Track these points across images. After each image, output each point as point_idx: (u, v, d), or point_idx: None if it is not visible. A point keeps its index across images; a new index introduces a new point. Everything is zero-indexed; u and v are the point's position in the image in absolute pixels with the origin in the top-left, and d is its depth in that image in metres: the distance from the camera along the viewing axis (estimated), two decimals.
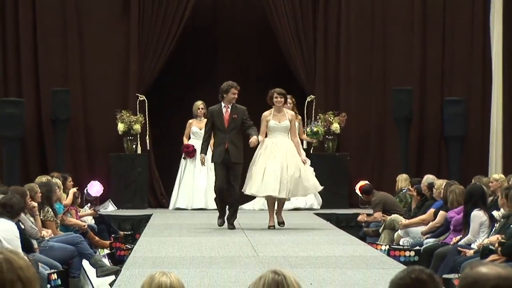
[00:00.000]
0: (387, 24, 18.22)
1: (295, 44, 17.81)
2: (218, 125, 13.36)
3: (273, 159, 13.32)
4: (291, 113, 13.92)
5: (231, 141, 13.26)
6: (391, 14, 18.21)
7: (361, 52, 18.16)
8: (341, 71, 18.11)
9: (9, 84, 17.80)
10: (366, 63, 18.19)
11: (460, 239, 11.65)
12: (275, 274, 4.18)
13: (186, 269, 9.57)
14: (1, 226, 10.41)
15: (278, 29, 17.71)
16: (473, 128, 17.80)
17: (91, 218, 14.54)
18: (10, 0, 17.72)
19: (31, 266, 4.12)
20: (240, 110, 13.34)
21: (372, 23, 18.19)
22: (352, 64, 18.14)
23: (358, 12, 18.15)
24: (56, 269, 10.69)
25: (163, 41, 17.68)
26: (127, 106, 17.48)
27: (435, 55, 18.21)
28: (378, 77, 18.14)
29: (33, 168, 17.16)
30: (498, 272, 3.81)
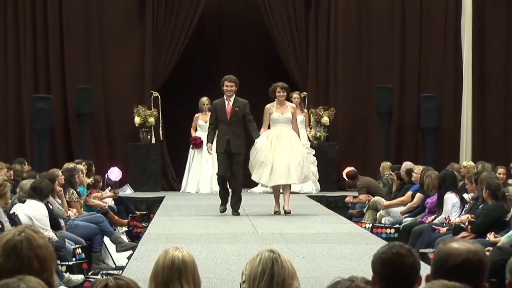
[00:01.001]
0: (371, 28, 18.18)
1: (289, 47, 17.79)
2: (221, 117, 12.72)
3: (280, 149, 12.62)
4: (292, 105, 13.28)
5: (234, 132, 12.62)
6: (374, 19, 18.16)
7: (348, 53, 18.14)
8: (330, 71, 18.10)
9: (39, 82, 17.78)
10: (352, 64, 18.17)
11: (435, 218, 11.69)
12: (270, 252, 4.23)
13: (195, 244, 9.59)
14: (31, 207, 10.46)
15: (275, 33, 17.68)
16: (446, 121, 17.78)
17: (111, 199, 14.55)
18: (40, 9, 17.69)
19: (49, 245, 4.13)
20: (242, 103, 12.75)
21: (358, 27, 18.15)
22: (339, 64, 18.12)
23: (345, 18, 18.11)
24: (80, 244, 10.74)
25: (174, 45, 17.66)
26: (142, 101, 17.45)
27: (413, 56, 18.18)
28: (362, 76, 18.13)
29: (60, 156, 17.15)
30: (467, 247, 3.85)
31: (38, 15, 17.71)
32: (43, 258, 4.00)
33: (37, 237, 4.08)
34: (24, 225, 4.66)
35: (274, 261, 4.17)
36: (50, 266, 4.03)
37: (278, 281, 4.12)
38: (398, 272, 3.87)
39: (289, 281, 4.14)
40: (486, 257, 3.96)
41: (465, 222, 10.42)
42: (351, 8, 18.14)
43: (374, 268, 3.93)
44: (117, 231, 12.60)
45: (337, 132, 17.71)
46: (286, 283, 4.13)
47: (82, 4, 17.89)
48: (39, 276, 3.79)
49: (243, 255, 8.89)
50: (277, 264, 4.16)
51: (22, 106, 17.63)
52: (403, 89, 18.10)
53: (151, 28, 17.78)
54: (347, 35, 18.08)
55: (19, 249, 3.98)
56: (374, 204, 13.74)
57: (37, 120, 16.80)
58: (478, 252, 3.85)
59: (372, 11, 18.16)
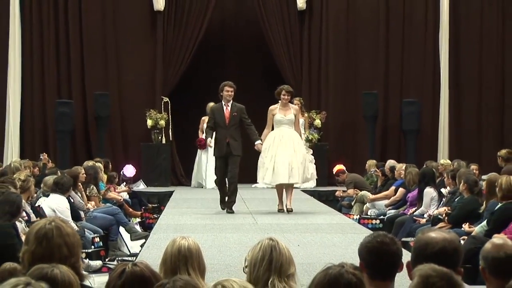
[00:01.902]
0: (358, 41, 18.17)
1: (285, 57, 17.78)
2: (219, 121, 12.00)
3: (282, 148, 11.81)
4: (295, 107, 12.44)
5: (232, 136, 11.94)
6: (361, 33, 18.15)
7: (337, 63, 18.12)
8: (322, 78, 18.09)
9: (61, 89, 17.76)
10: (341, 72, 18.15)
11: (415, 210, 11.71)
12: (270, 240, 4.24)
13: (200, 233, 9.58)
14: (55, 200, 10.49)
15: (272, 45, 17.69)
16: (425, 124, 17.77)
17: (126, 193, 14.57)
18: (62, 24, 17.67)
19: (76, 233, 4.17)
20: (239, 108, 12.07)
21: (346, 40, 18.13)
22: (330, 72, 18.09)
23: (335, 31, 18.09)
24: (98, 234, 10.77)
25: (182, 55, 17.66)
26: (154, 106, 17.44)
27: (396, 65, 18.16)
28: (350, 83, 18.12)
29: (80, 155, 17.12)
30: (444, 236, 3.87)
31: (61, 29, 17.70)
32: (71, 244, 4.03)
33: (66, 226, 4.11)
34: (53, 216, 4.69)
35: (273, 248, 4.19)
36: (77, 252, 4.06)
37: (276, 266, 4.14)
38: (383, 258, 3.88)
39: (286, 266, 4.16)
40: (461, 245, 3.99)
41: (443, 214, 10.45)
42: (340, 22, 18.14)
43: (361, 255, 3.95)
44: (131, 222, 12.63)
45: (328, 133, 17.69)
46: (283, 268, 4.15)
47: (100, 19, 17.90)
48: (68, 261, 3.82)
49: (243, 243, 8.91)
50: (276, 251, 4.17)
51: (46, 110, 17.61)
52: (387, 95, 18.08)
53: (162, 40, 17.77)
54: (336, 46, 18.07)
55: (50, 236, 4.01)
56: (361, 197, 13.77)
57: (60, 122, 16.83)
58: (453, 241, 3.87)
59: (359, 25, 18.15)
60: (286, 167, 11.72)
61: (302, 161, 11.92)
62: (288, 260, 4.18)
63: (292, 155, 11.80)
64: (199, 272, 4.34)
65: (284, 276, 4.12)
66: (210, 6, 17.63)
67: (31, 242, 4.06)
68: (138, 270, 3.57)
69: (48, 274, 3.36)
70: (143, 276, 3.55)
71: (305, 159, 12.19)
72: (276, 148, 11.82)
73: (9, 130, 17.34)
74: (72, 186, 10.98)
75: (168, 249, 4.38)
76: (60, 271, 3.43)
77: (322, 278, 3.08)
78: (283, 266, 4.14)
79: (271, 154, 11.82)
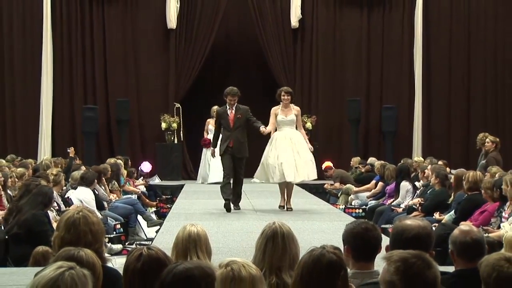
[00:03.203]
0: (344, 55, 18.18)
1: (280, 68, 17.79)
2: (224, 124, 10.99)
3: (285, 149, 10.82)
4: (296, 108, 11.28)
5: (236, 138, 10.89)
6: (346, 48, 18.17)
7: (326, 74, 18.14)
8: (312, 88, 18.10)
9: (87, 96, 17.76)
10: (329, 82, 18.17)
11: (393, 201, 11.71)
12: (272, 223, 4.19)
13: (207, 221, 9.60)
14: (81, 192, 10.50)
15: (269, 58, 17.69)
16: (401, 126, 17.77)
17: (143, 186, 14.57)
18: (88, 38, 17.68)
19: (100, 222, 4.16)
20: (243, 109, 11.06)
21: (333, 55, 18.16)
22: (319, 82, 18.11)
23: (324, 47, 18.11)
24: (119, 221, 10.79)
25: (192, 67, 17.65)
26: (167, 111, 17.44)
27: (376, 77, 18.17)
28: (337, 92, 18.12)
29: (104, 153, 17.11)
30: (418, 224, 3.88)
31: (87, 44, 17.71)
32: (95, 232, 4.01)
33: (91, 215, 4.10)
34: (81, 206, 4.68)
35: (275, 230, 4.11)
36: (101, 238, 4.05)
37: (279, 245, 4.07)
38: (366, 242, 3.89)
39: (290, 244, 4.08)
40: (433, 231, 3.99)
41: (416, 204, 10.45)
42: (328, 39, 18.15)
43: (346, 240, 3.94)
44: (147, 211, 12.64)
45: (318, 134, 17.68)
46: (288, 245, 4.08)
47: (121, 35, 17.90)
48: (92, 246, 3.81)
49: (244, 229, 8.98)
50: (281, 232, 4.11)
51: (74, 114, 17.61)
52: (368, 102, 18.09)
53: (174, 54, 17.75)
54: (324, 60, 18.09)
55: (77, 224, 4.00)
56: (346, 190, 13.77)
57: (86, 125, 16.83)
58: (426, 227, 3.88)
59: (344, 42, 18.17)
60: (291, 167, 10.79)
61: (305, 160, 10.97)
62: (290, 240, 4.10)
63: (295, 155, 10.87)
64: (207, 254, 4.33)
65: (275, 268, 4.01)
66: (216, 24, 17.64)
67: (61, 229, 4.05)
68: (153, 253, 3.56)
69: (74, 255, 3.36)
70: (159, 258, 3.55)
71: (308, 158, 11.09)
72: (279, 149, 10.88)
73: (42, 132, 17.33)
74: (96, 179, 10.99)
75: (179, 234, 4.37)
76: (85, 253, 3.42)
77: (307, 259, 3.08)
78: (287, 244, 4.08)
79: (275, 154, 10.87)
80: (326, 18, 18.12)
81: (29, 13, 17.59)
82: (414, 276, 2.96)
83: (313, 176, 11.27)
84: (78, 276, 2.67)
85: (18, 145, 17.33)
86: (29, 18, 17.59)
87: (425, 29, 17.90)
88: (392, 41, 18.12)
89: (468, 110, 18.11)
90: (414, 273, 2.96)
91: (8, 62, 17.55)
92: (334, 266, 2.97)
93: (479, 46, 18.08)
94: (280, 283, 3.89)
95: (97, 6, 17.76)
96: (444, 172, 10.41)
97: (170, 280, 2.86)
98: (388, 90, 18.15)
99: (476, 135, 14.08)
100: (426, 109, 17.98)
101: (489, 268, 3.23)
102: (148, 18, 17.91)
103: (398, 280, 2.96)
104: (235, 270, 3.09)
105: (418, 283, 2.95)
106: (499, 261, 3.24)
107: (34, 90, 17.44)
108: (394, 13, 18.14)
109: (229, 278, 3.07)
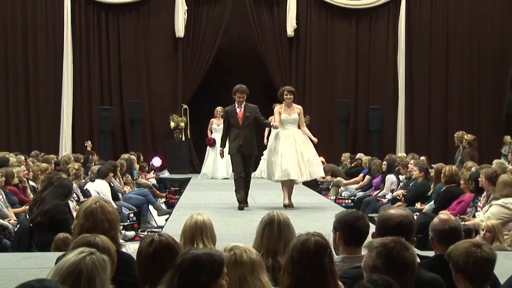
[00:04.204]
0: (335, 61, 18.13)
1: (278, 73, 17.80)
2: (233, 123, 10.09)
3: (288, 148, 10.02)
4: (298, 107, 10.47)
5: (245, 136, 10.00)
6: (337, 54, 18.12)
7: (318, 78, 18.12)
8: (306, 90, 18.04)
9: (104, 98, 17.74)
10: (322, 85, 18.15)
11: (379, 192, 11.71)
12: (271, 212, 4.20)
13: (212, 210, 9.58)
14: (98, 184, 10.50)
15: (268, 64, 17.68)
16: (386, 125, 17.74)
17: (154, 179, 14.57)
18: (105, 46, 17.66)
19: (115, 212, 4.17)
20: (252, 108, 10.17)
21: (325, 60, 18.12)
22: (312, 86, 18.08)
23: (316, 54, 18.08)
24: (132, 210, 10.79)
25: (197, 72, 17.63)
26: (176, 111, 17.41)
27: (363, 80, 18.14)
28: (328, 94, 18.11)
29: (118, 150, 17.06)
30: (401, 213, 3.88)
31: (103, 52, 17.70)
32: (111, 220, 4.02)
33: (108, 205, 4.10)
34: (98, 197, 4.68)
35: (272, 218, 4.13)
36: (116, 226, 4.06)
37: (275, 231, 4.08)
38: (356, 229, 3.90)
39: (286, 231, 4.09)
40: (414, 220, 4.01)
41: (400, 195, 10.45)
42: (320, 47, 18.11)
43: (338, 227, 3.95)
44: (158, 201, 12.64)
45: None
46: (284, 232, 4.09)
47: (133, 43, 17.85)
48: (108, 233, 3.81)
49: (245, 218, 8.97)
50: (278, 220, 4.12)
51: (92, 114, 17.59)
52: (356, 103, 18.06)
53: (182, 60, 17.72)
54: (317, 65, 18.06)
55: (95, 213, 4.00)
56: (336, 182, 13.76)
57: (102, 124, 16.81)
58: (408, 216, 3.89)
59: (335, 49, 18.12)
60: (295, 165, 9.97)
61: (308, 159, 10.12)
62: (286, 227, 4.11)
63: (298, 155, 10.04)
64: (212, 240, 4.33)
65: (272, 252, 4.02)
66: (219, 34, 17.63)
67: (80, 217, 4.06)
68: (164, 239, 3.57)
69: (91, 241, 3.37)
70: (168, 243, 3.56)
71: (310, 156, 10.25)
72: (282, 147, 10.04)
73: (63, 130, 17.32)
74: (111, 172, 10.98)
75: (187, 222, 4.37)
76: (100, 239, 3.43)
77: (296, 242, 3.11)
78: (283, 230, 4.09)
79: (278, 153, 10.04)
80: (319, 28, 18.11)
81: (51, 24, 17.58)
82: (394, 258, 3.00)
83: (317, 174, 10.58)
84: (98, 260, 2.69)
85: (42, 142, 17.32)
86: (51, 28, 17.57)
87: (408, 37, 17.89)
88: (378, 48, 18.10)
89: (446, 110, 18.10)
90: (394, 255, 3.01)
91: (33, 68, 17.55)
92: (320, 246, 3.01)
93: (456, 52, 18.07)
94: (275, 265, 3.90)
95: (113, 16, 17.76)
96: (425, 166, 10.41)
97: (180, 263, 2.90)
98: (374, 92, 18.12)
99: (454, 133, 14.14)
100: (409, 109, 17.97)
101: (463, 256, 3.24)
102: (158, 27, 17.86)
103: (380, 263, 2.99)
104: (237, 255, 3.14)
105: (398, 264, 2.99)
106: (470, 248, 3.26)
107: (56, 93, 17.44)
108: (380, 23, 18.13)
109: (231, 261, 3.13)
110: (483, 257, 3.23)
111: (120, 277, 3.41)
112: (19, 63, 17.51)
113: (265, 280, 3.20)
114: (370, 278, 2.63)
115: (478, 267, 3.22)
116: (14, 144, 17.00)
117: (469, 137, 13.13)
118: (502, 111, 17.93)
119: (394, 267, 2.98)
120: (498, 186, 7.52)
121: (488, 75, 18.04)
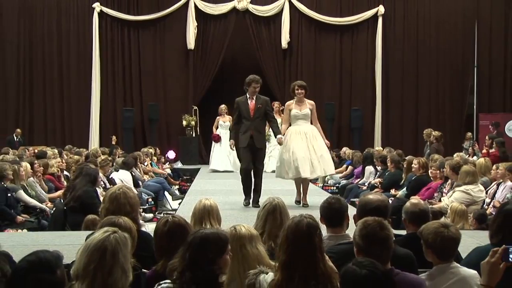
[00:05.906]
0: (322, 69, 18.12)
1: (274, 80, 17.78)
2: (244, 114, 8.44)
3: (300, 144, 8.42)
4: (310, 102, 8.82)
5: (256, 128, 8.40)
6: (324, 64, 18.12)
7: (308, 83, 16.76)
8: None
9: (126, 100, 17.75)
10: (311, 90, 17.57)
11: (359, 180, 11.70)
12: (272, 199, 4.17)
13: (218, 196, 9.53)
14: (122, 174, 10.47)
15: (266, 72, 17.60)
16: (366, 124, 17.74)
17: (169, 169, 14.56)
18: (127, 55, 17.64)
19: (136, 197, 4.17)
20: (264, 100, 8.54)
21: (314, 69, 18.10)
22: None
23: (306, 63, 18.06)
24: (151, 196, 10.75)
25: (205, 79, 17.62)
26: (187, 112, 17.40)
27: (346, 86, 18.16)
28: (317, 97, 17.59)
29: (139, 144, 17.02)
30: (378, 198, 3.87)
31: (126, 59, 17.70)
32: (132, 204, 4.02)
33: (129, 191, 4.11)
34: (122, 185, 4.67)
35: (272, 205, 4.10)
36: (137, 209, 4.06)
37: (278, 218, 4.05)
38: (332, 212, 3.89)
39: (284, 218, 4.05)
40: (389, 204, 3.99)
41: (377, 183, 10.45)
42: (309, 57, 18.06)
43: (321, 212, 3.95)
44: (172, 188, 12.63)
45: None
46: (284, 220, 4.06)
47: (151, 53, 17.80)
48: (130, 215, 3.81)
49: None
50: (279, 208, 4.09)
51: (116, 114, 17.60)
52: (341, 105, 18.05)
53: (192, 69, 17.67)
54: (307, 73, 17.96)
55: (118, 198, 4.01)
56: None
57: (125, 122, 16.83)
58: (384, 201, 3.88)
59: (323, 60, 18.08)
60: (307, 162, 8.41)
61: (320, 154, 8.49)
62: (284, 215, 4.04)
63: (310, 151, 8.45)
64: (217, 221, 4.32)
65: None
66: (224, 46, 17.60)
67: (106, 202, 4.05)
68: (177, 220, 3.58)
69: (115, 222, 3.37)
70: (181, 224, 3.57)
71: (324, 152, 8.61)
72: (294, 144, 8.45)
73: (92, 127, 17.37)
74: (134, 164, 10.97)
75: (196, 206, 4.36)
76: (123, 220, 3.43)
77: (290, 223, 3.11)
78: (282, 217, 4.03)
79: (289, 150, 8.46)
80: (308, 41, 18.08)
81: (82, 37, 17.62)
82: (369, 235, 3.01)
83: (329, 171, 8.82)
84: (120, 238, 2.70)
85: (74, 137, 17.35)
86: (82, 41, 17.62)
87: (384, 49, 17.88)
88: (359, 58, 18.08)
89: (417, 111, 18.10)
90: (369, 232, 3.02)
91: (66, 76, 17.58)
92: (312, 226, 3.00)
93: (425, 62, 18.05)
94: (275, 247, 3.89)
95: (134, 31, 17.76)
96: (398, 159, 10.40)
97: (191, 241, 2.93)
98: (355, 96, 18.10)
99: (423, 130, 14.14)
100: (385, 110, 17.98)
101: (432, 235, 3.26)
102: (172, 41, 17.81)
103: (360, 239, 3.02)
104: (237, 229, 3.22)
105: (374, 240, 2.99)
106: (438, 228, 3.28)
107: (86, 96, 17.43)
108: (360, 37, 18.09)
109: (233, 235, 3.17)
110: (449, 236, 3.25)
111: (140, 252, 3.42)
112: (55, 70, 17.57)
113: (261, 249, 3.22)
114: (355, 260, 2.63)
115: (445, 244, 3.24)
116: (51, 139, 17.10)
117: (436, 134, 13.14)
118: (463, 112, 17.98)
119: (369, 242, 3.00)
120: (461, 175, 7.55)
121: (452, 81, 18.09)
